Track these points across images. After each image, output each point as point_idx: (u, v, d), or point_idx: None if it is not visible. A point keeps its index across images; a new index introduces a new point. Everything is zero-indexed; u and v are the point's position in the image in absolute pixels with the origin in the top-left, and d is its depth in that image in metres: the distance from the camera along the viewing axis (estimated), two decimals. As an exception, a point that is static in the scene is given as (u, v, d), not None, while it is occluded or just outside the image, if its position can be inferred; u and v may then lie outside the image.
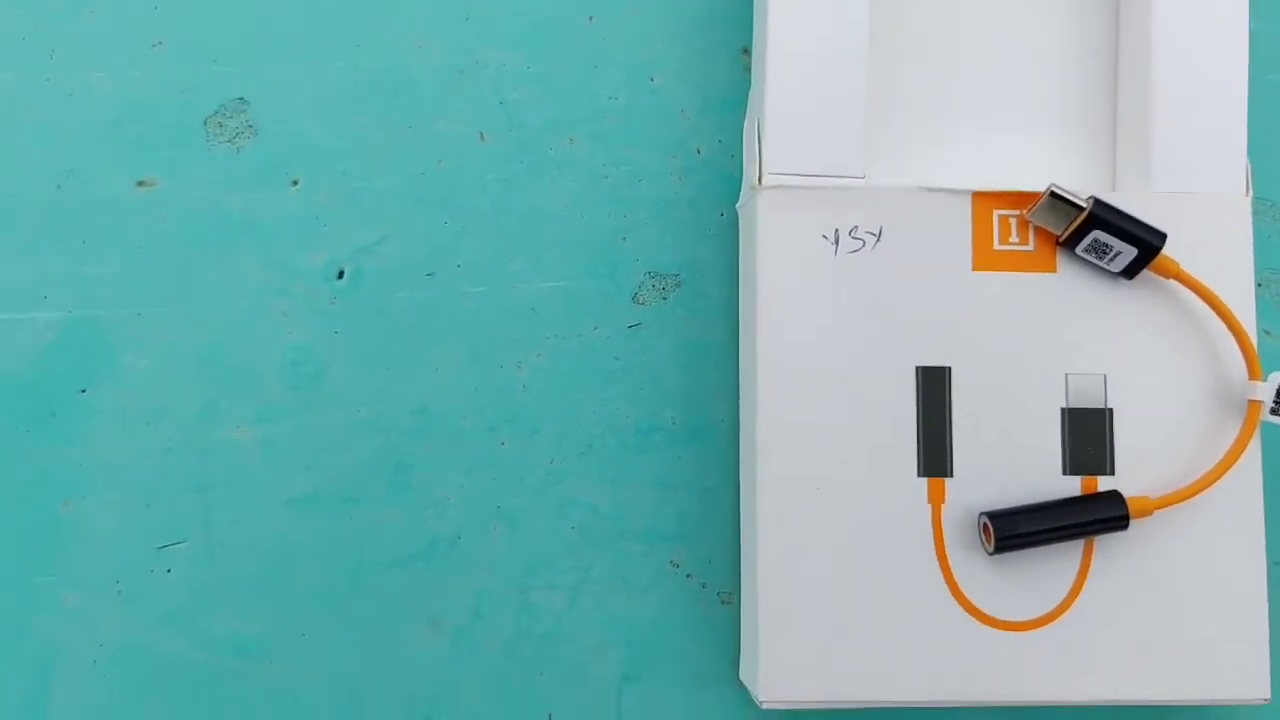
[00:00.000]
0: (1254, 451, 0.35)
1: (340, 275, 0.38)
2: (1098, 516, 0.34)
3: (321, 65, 0.39)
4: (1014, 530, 0.34)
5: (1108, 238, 0.34)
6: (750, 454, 0.35)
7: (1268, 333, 0.39)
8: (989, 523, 0.34)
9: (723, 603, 0.37)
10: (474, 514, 0.37)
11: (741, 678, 0.36)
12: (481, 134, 0.39)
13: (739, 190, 0.38)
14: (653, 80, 0.39)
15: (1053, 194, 0.34)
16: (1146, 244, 0.34)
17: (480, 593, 0.37)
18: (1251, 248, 0.35)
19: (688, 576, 0.37)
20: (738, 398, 0.38)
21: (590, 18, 0.39)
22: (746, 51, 0.39)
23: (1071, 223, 0.34)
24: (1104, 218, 0.34)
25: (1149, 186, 0.36)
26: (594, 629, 0.37)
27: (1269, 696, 0.34)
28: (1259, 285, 0.39)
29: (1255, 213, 0.39)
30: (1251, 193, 0.36)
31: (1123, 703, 0.34)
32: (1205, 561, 0.35)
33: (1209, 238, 0.35)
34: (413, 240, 0.38)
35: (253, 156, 0.38)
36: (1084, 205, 0.34)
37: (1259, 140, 0.39)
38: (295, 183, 0.38)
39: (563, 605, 0.37)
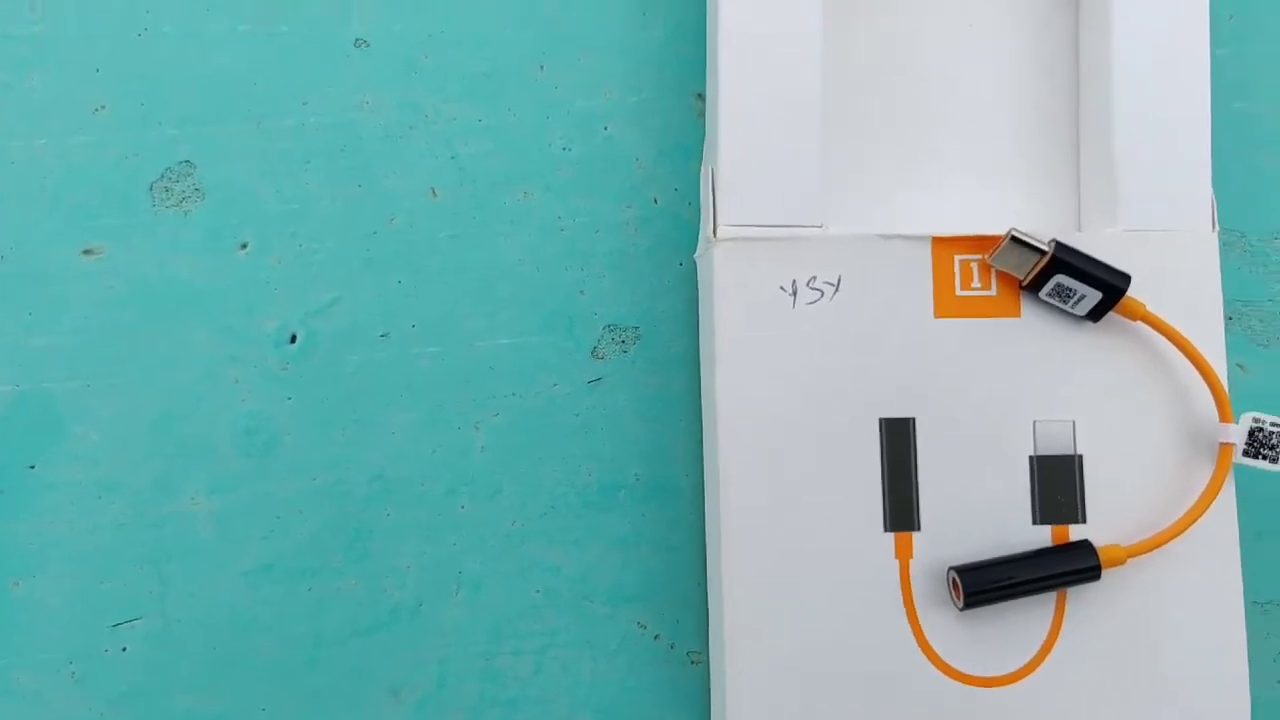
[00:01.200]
0: (1228, 495, 0.34)
1: (292, 340, 0.37)
2: (1069, 568, 0.33)
3: (268, 125, 0.38)
4: (983, 585, 0.33)
5: (1071, 281, 0.33)
6: (714, 511, 0.35)
7: (1241, 366, 0.38)
8: (958, 578, 0.33)
9: (692, 663, 0.37)
10: (435, 580, 0.36)
11: (713, 741, 0.36)
12: (433, 190, 0.38)
13: (697, 238, 0.37)
14: (606, 129, 0.38)
15: (1013, 238, 0.33)
16: (1111, 287, 0.33)
17: (444, 660, 0.36)
18: (1219, 284, 0.35)
19: (655, 638, 0.37)
20: (700, 452, 0.37)
21: (541, 67, 0.38)
22: (700, 96, 0.38)
23: (1034, 266, 0.34)
24: (1066, 261, 0.33)
25: (1114, 226, 0.35)
26: (561, 694, 0.36)
27: (1252, 747, 0.34)
28: (1229, 318, 0.38)
29: (1224, 244, 0.38)
30: (1218, 228, 0.35)
31: (1102, 757, 0.34)
32: (1182, 609, 0.34)
33: (1176, 276, 0.35)
34: (365, 301, 0.37)
35: (200, 221, 0.37)
36: (1045, 249, 0.33)
37: (1226, 170, 0.38)
38: (244, 246, 0.37)
39: (528, 671, 0.36)
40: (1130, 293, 0.34)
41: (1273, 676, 0.37)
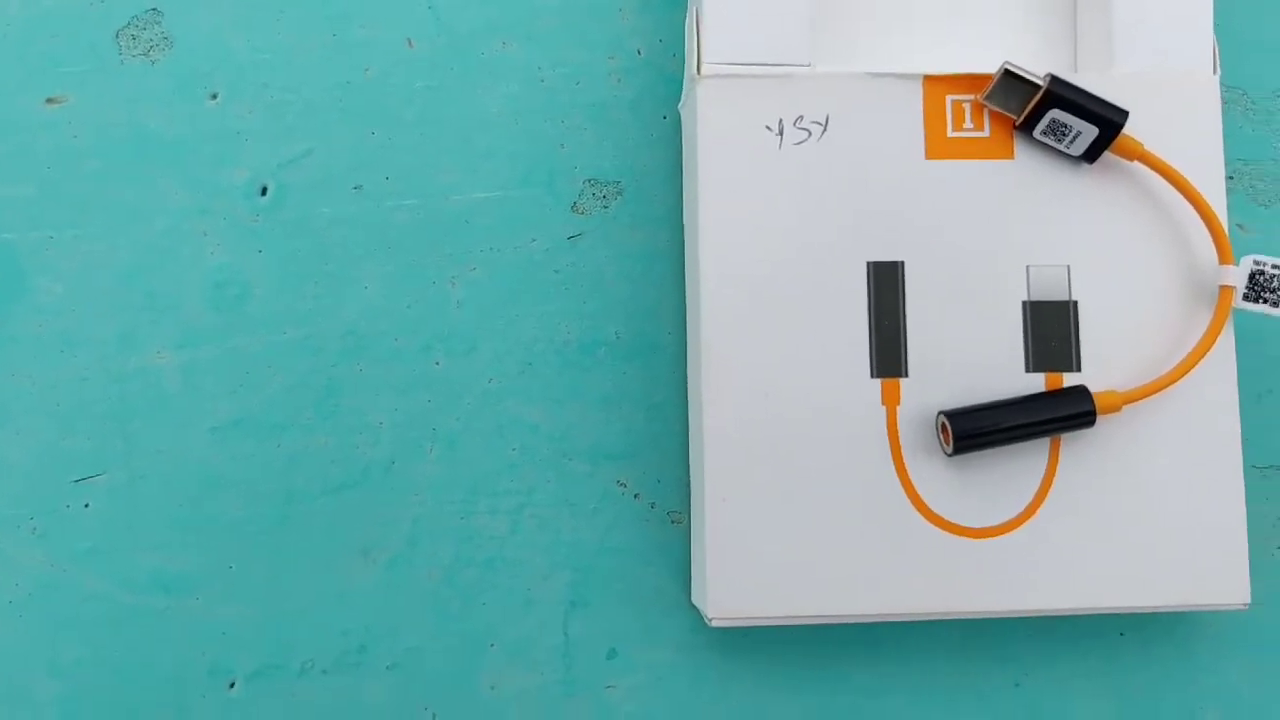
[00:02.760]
0: (1227, 341, 0.33)
1: (263, 192, 0.36)
2: (1063, 413, 0.32)
3: (239, -27, 0.37)
4: (974, 428, 0.32)
5: (1066, 117, 0.32)
6: (696, 363, 0.33)
7: (1241, 227, 0.37)
8: (947, 422, 0.32)
9: (673, 522, 0.35)
10: (408, 438, 0.35)
11: (693, 599, 0.34)
12: (409, 40, 0.37)
13: (681, 91, 0.36)
14: (588, -20, 0.37)
15: (1007, 72, 0.32)
16: (1107, 122, 0.32)
17: (417, 520, 0.35)
18: (1220, 128, 0.33)
19: (636, 496, 0.35)
20: (684, 309, 0.36)
21: (521, -83, 0.37)
22: (686, -54, 0.37)
23: (1028, 103, 0.32)
24: (1061, 95, 0.32)
25: (1111, 68, 0.34)
26: (538, 554, 0.35)
27: (1249, 601, 0.33)
28: (1230, 178, 0.37)
29: (1226, 101, 0.37)
30: (1219, 72, 0.34)
31: (1094, 610, 0.32)
32: (1178, 459, 0.33)
33: (1175, 118, 0.33)
34: (339, 153, 0.36)
35: (168, 70, 0.36)
36: (1040, 83, 0.32)
37: (1229, 26, 0.37)
38: (214, 96, 0.36)
39: (504, 530, 0.35)
40: (1128, 132, 0.33)
41: (1272, 542, 0.36)
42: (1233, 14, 0.37)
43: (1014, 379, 0.33)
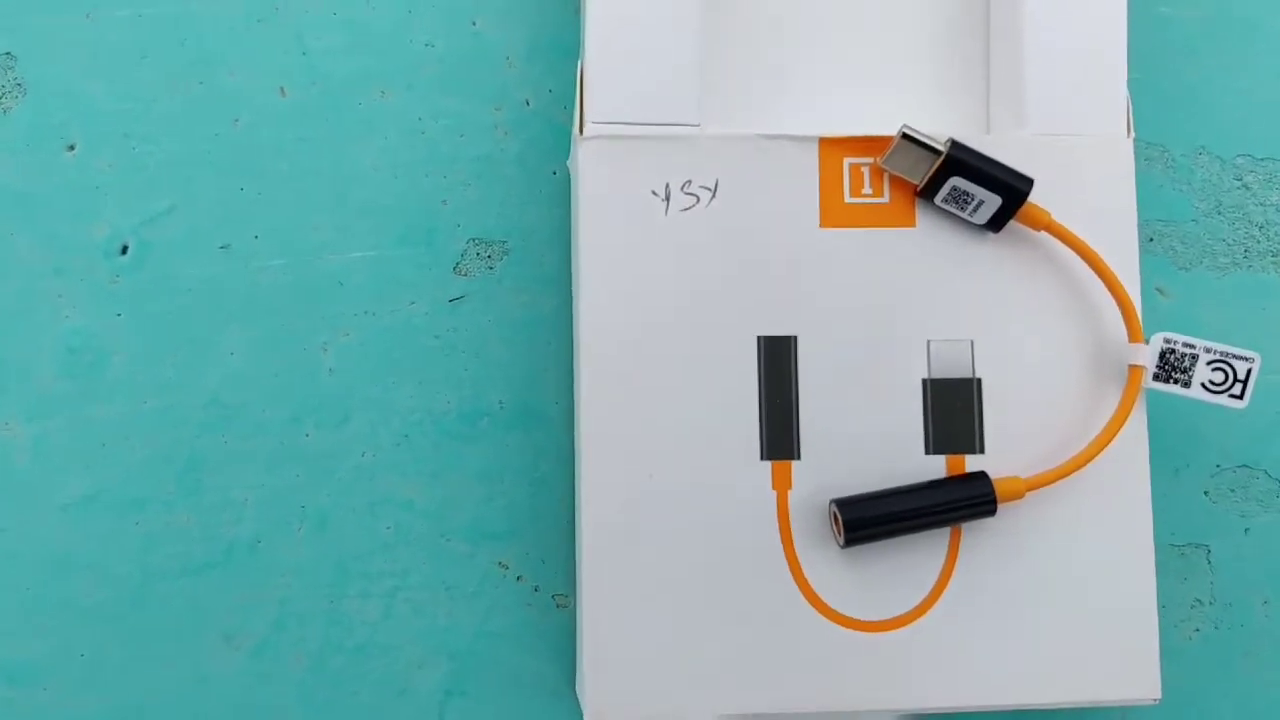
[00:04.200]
0: (1138, 422, 0.31)
1: (124, 250, 0.34)
2: (960, 500, 0.30)
3: (99, 15, 0.34)
4: (865, 518, 0.30)
5: (968, 185, 0.30)
6: (579, 437, 0.31)
7: (1160, 291, 0.35)
8: (838, 512, 0.30)
9: (558, 606, 0.33)
10: (276, 515, 0.33)
11: (576, 689, 0.32)
12: (282, 89, 0.34)
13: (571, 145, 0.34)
14: (474, 24, 0.35)
15: (905, 135, 0.30)
16: (1011, 190, 0.30)
17: (284, 602, 0.33)
18: (1134, 194, 0.32)
19: (518, 579, 0.33)
20: (572, 377, 0.34)
21: (405, -43, 0.35)
22: (578, -10, 0.35)
23: (928, 169, 0.30)
24: (962, 160, 0.30)
25: (1023, 129, 0.32)
26: (413, 640, 0.33)
27: (1159, 696, 0.31)
28: (1150, 240, 0.35)
29: (1145, 160, 0.36)
30: (1134, 135, 0.32)
31: (997, 708, 0.31)
32: (1086, 546, 0.31)
33: (1088, 184, 0.32)
34: (205, 209, 0.34)
35: (22, 119, 0.34)
36: (940, 148, 0.30)
37: (1149, 80, 0.35)
38: (71, 148, 0.34)
39: (377, 615, 0.33)
40: (1036, 200, 0.31)
41: (1189, 625, 0.34)
42: (1154, 69, 0.35)
43: (913, 461, 0.31)
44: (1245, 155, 0.36)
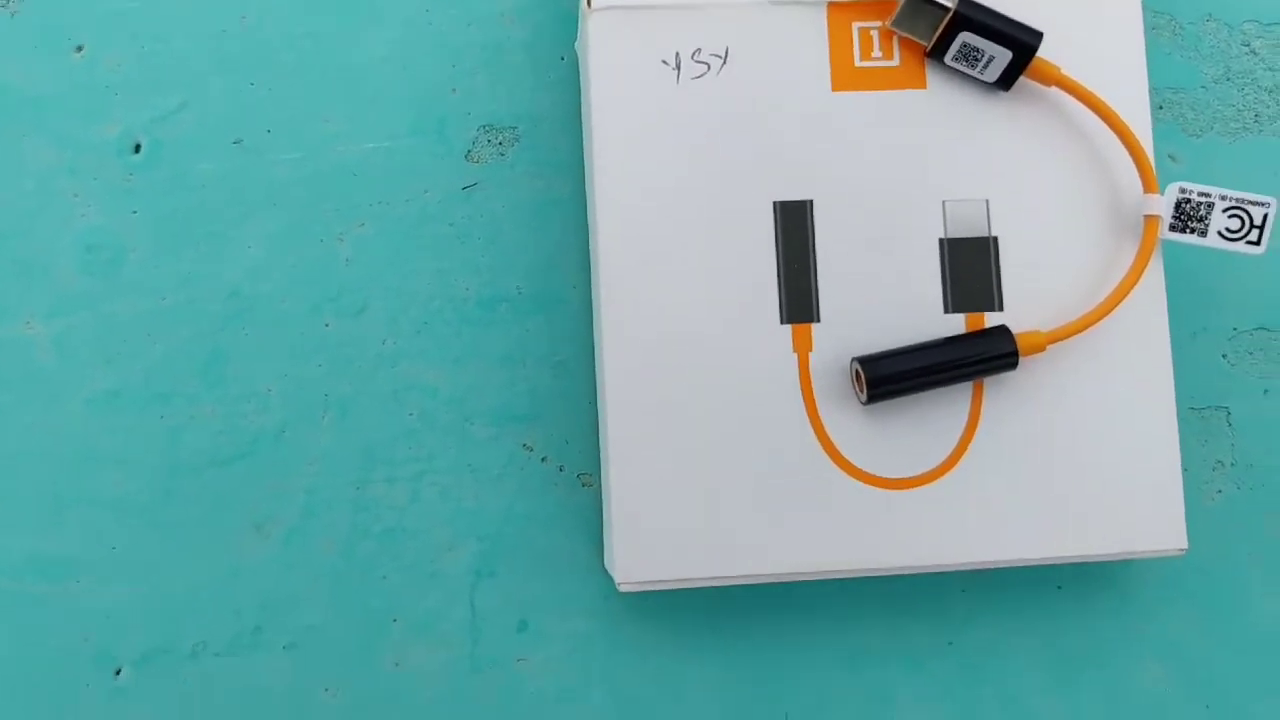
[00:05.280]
0: (1155, 273, 0.31)
1: (136, 149, 0.34)
2: (983, 354, 0.30)
3: (103, -84, 0.34)
4: (888, 374, 0.30)
5: (977, 40, 0.30)
6: (598, 314, 0.31)
7: (1172, 158, 0.35)
8: (860, 368, 0.30)
9: (583, 485, 0.34)
10: (299, 405, 0.33)
11: (606, 565, 0.33)
12: (288, -17, 0.34)
13: (578, 29, 0.34)
14: (478, -87, 0.35)
15: (913, -6, 0.30)
16: (1021, 44, 0.30)
17: (311, 491, 0.33)
18: (1144, 51, 0.32)
19: (543, 460, 0.34)
20: (589, 261, 0.34)
21: None
22: (580, -125, 0.35)
23: (937, 27, 0.30)
24: (971, 17, 0.30)
25: (1028, -9, 0.32)
26: (441, 524, 0.33)
27: (1186, 546, 0.31)
28: (1159, 108, 0.35)
29: (1153, 28, 0.36)
30: (1142, -8, 0.32)
31: (1023, 563, 0.31)
32: (1109, 400, 0.31)
33: (1096, 42, 0.32)
34: (216, 105, 0.34)
35: (29, 21, 0.34)
36: (949, 4, 0.30)
37: (1154, -55, 0.35)
38: (80, 49, 0.34)
39: (404, 499, 0.33)
40: (1046, 56, 0.31)
41: (1212, 486, 0.34)
42: (1159, -67, 0.35)
43: (932, 321, 0.31)
44: (1253, 21, 0.36)
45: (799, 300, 0.31)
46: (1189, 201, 0.31)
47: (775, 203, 0.31)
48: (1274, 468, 0.34)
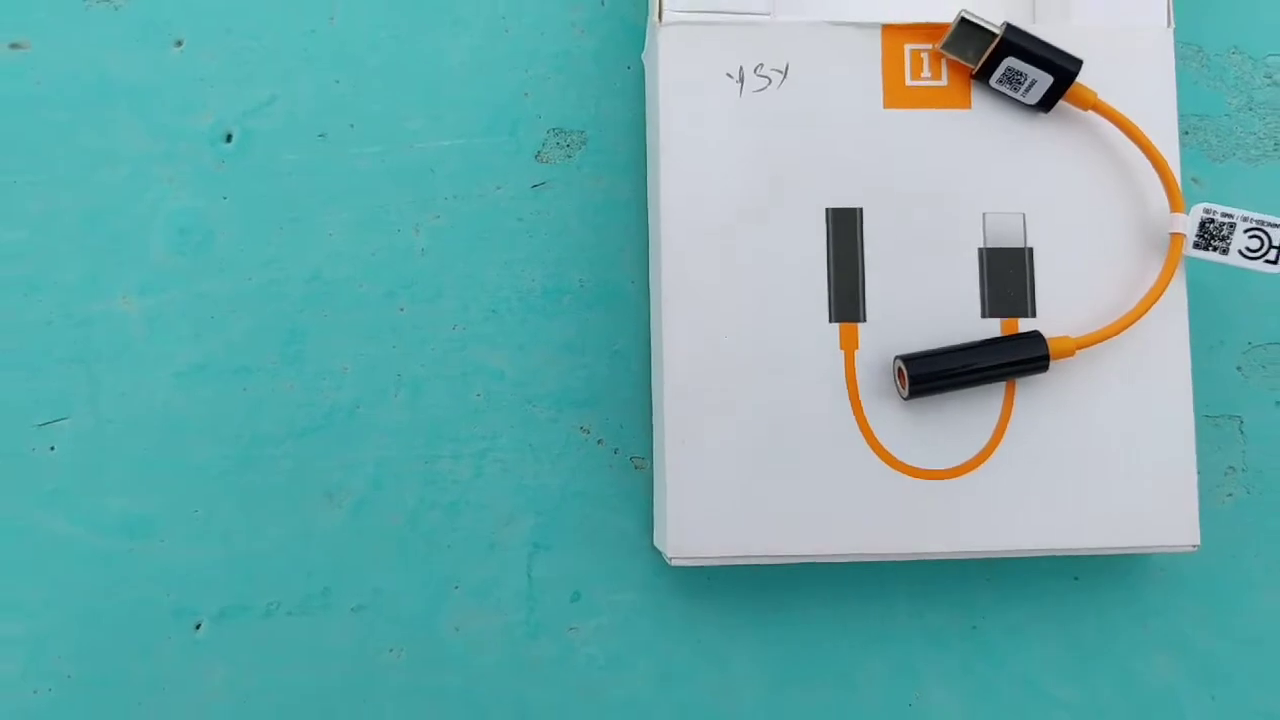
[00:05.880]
0: (1178, 287, 0.33)
1: (228, 138, 0.36)
2: (1017, 357, 0.32)
3: (204, -80, 0.37)
4: (929, 372, 0.32)
5: (1021, 65, 0.33)
6: (657, 309, 0.34)
7: (1195, 180, 0.37)
8: (903, 366, 0.32)
9: (635, 468, 0.36)
10: (373, 383, 0.36)
11: (655, 542, 0.35)
12: (374, -12, 0.37)
13: (644, 41, 0.36)
14: (553, -70, 0.37)
15: (963, 20, 0.33)
16: (1061, 70, 0.33)
17: (381, 463, 0.35)
18: (1174, 80, 0.34)
19: (599, 442, 0.36)
20: (647, 258, 0.36)
21: None
22: (650, -103, 0.37)
23: (984, 51, 0.33)
24: (1017, 43, 0.32)
25: (1068, 20, 0.34)
26: (502, 498, 0.35)
27: (1198, 543, 0.33)
28: (1185, 133, 0.38)
29: (1182, 58, 0.38)
30: (1174, 26, 0.34)
31: (1047, 552, 0.33)
32: (1131, 403, 0.33)
33: (1130, 70, 0.34)
34: (303, 100, 0.36)
35: (132, 16, 0.36)
36: (996, 31, 0.33)
37: (1185, -18, 0.38)
38: (179, 43, 0.36)
39: (468, 474, 0.35)
40: (1084, 82, 0.33)
41: (1221, 490, 0.37)
42: (1190, -30, 0.38)
43: (970, 324, 0.33)
44: (1276, 54, 0.38)
45: (847, 301, 0.33)
46: (1213, 221, 0.33)
47: (827, 209, 0.33)
48: (1282, 474, 0.37)
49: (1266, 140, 0.38)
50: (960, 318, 0.33)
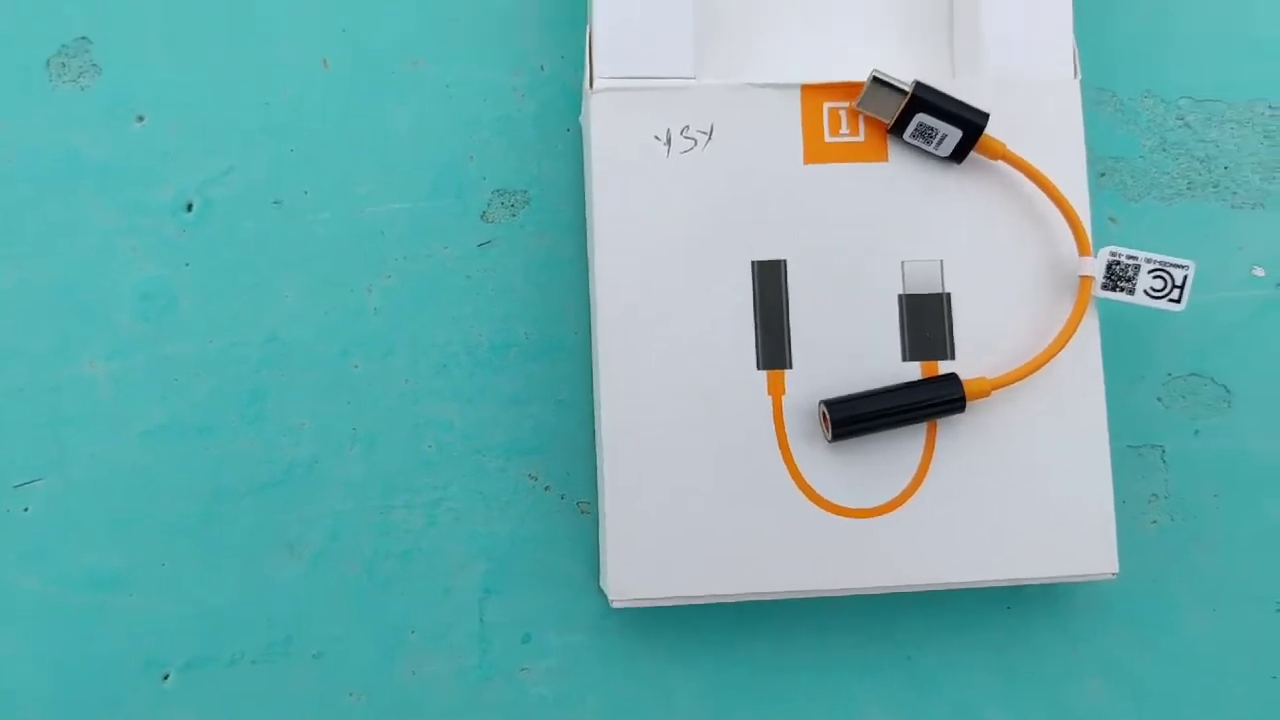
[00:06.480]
0: (1091, 327, 0.35)
1: (189, 208, 0.38)
2: (934, 399, 0.34)
3: (165, 1, 0.39)
4: (850, 415, 0.34)
5: (932, 120, 0.34)
6: (597, 360, 0.35)
7: (1112, 219, 0.39)
8: (826, 410, 0.34)
9: (581, 512, 0.38)
10: (329, 438, 0.37)
11: (601, 584, 0.36)
12: (325, 61, 0.39)
13: (581, 104, 0.38)
14: None
15: (875, 79, 0.34)
16: (970, 124, 0.34)
17: (338, 515, 0.37)
18: (1082, 128, 0.36)
19: (546, 489, 0.38)
20: (589, 310, 0.38)
21: (430, -57, 0.39)
22: (585, -32, 0.39)
23: (897, 108, 0.35)
24: (926, 100, 0.34)
25: (981, 73, 0.36)
26: (454, 545, 0.37)
27: (1117, 570, 0.35)
28: (1102, 175, 0.39)
29: (1096, 103, 0.40)
30: (1080, 76, 0.36)
31: (973, 584, 0.34)
32: (1048, 439, 0.35)
33: (1039, 120, 0.36)
34: (260, 170, 0.38)
35: (97, 95, 0.38)
36: (906, 89, 0.34)
37: (1097, 33, 0.40)
38: (141, 119, 0.38)
39: (421, 523, 0.37)
40: (997, 137, 0.35)
41: (1147, 518, 0.38)
42: (1103, 22, 0.40)
43: (892, 367, 0.35)
44: (1187, 97, 0.40)
45: (774, 349, 0.35)
46: (1119, 263, 0.35)
47: (753, 262, 0.35)
48: (1203, 501, 0.38)
49: (1180, 180, 0.39)
50: (882, 362, 0.35)
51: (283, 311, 0.38)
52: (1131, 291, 0.35)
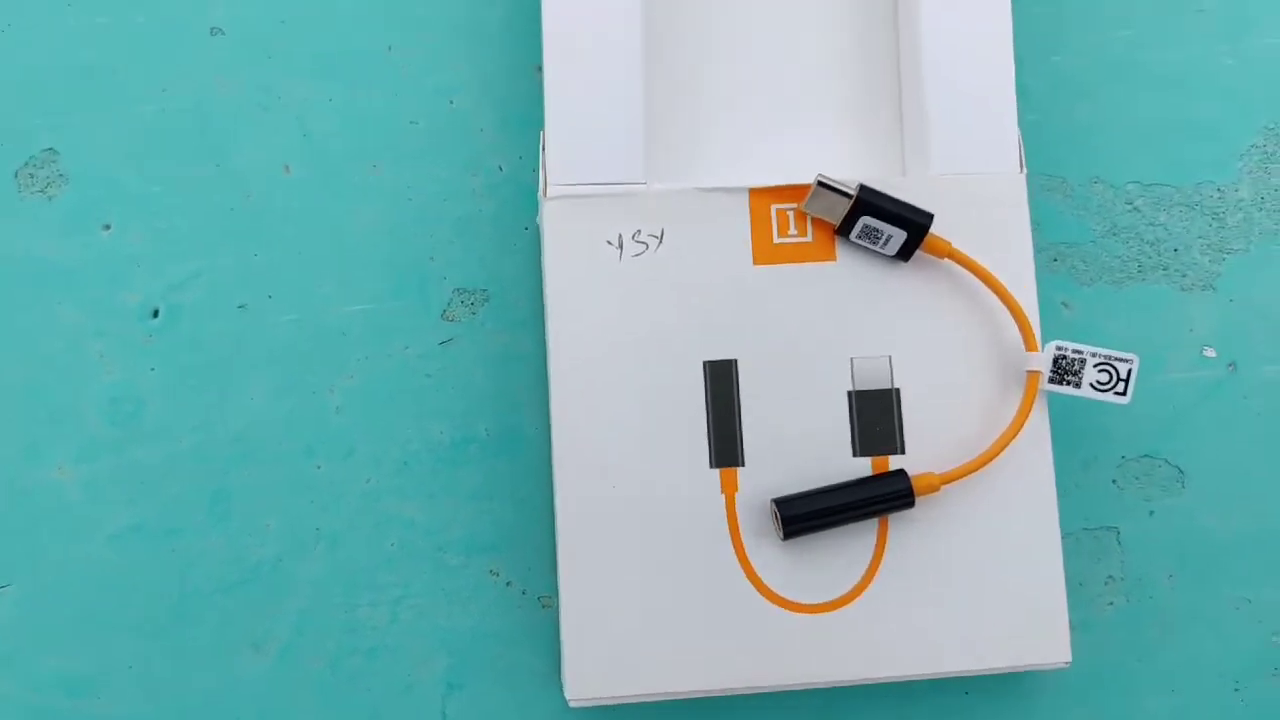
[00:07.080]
0: (1040, 421, 0.36)
1: (155, 314, 0.39)
2: (882, 495, 0.35)
3: (129, 111, 0.39)
4: (800, 514, 0.34)
5: (877, 222, 0.35)
6: (553, 457, 0.36)
7: (1065, 304, 0.40)
8: (776, 509, 0.34)
9: (543, 607, 0.38)
10: (294, 537, 0.38)
11: (562, 678, 0.37)
12: (286, 166, 0.40)
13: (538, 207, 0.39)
14: (452, 103, 0.40)
15: (820, 183, 0.35)
16: (914, 225, 0.35)
17: (303, 613, 0.38)
18: (1028, 221, 0.36)
19: (507, 584, 0.38)
20: (548, 406, 0.38)
21: (389, 48, 0.40)
22: (540, 69, 0.40)
23: (843, 211, 0.35)
24: (870, 202, 0.35)
25: (929, 170, 0.37)
26: (417, 641, 0.38)
27: (1069, 659, 0.35)
28: (1054, 260, 0.40)
29: (1047, 190, 0.40)
30: (1025, 170, 0.37)
31: (927, 676, 0.35)
32: (999, 533, 0.35)
33: (987, 215, 0.36)
34: (224, 274, 0.39)
35: (65, 205, 0.39)
36: (850, 193, 0.35)
37: (1046, 121, 0.40)
38: (107, 227, 0.39)
39: (385, 620, 0.38)
40: (943, 232, 0.36)
41: (1104, 600, 0.39)
42: (1050, 111, 0.40)
43: (843, 463, 0.35)
44: (1135, 182, 0.40)
45: (726, 447, 0.35)
46: (1065, 358, 0.35)
47: (705, 362, 0.36)
48: (1158, 581, 0.39)
49: (1130, 263, 0.40)
50: (833, 457, 0.35)
51: (248, 413, 0.38)
52: (1078, 385, 0.35)
